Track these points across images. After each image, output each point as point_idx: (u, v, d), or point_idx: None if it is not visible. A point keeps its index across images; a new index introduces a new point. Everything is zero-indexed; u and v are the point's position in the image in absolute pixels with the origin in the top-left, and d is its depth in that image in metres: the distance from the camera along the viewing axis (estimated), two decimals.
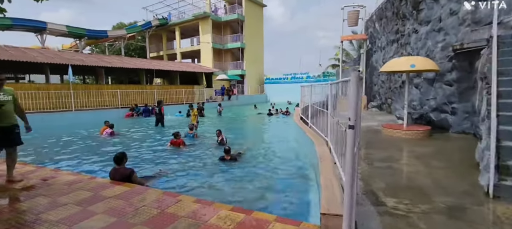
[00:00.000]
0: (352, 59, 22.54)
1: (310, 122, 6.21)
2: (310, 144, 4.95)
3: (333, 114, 3.93)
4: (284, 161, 5.69)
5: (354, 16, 17.04)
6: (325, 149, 3.90)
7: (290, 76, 30.37)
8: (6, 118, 3.54)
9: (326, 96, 6.35)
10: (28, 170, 4.07)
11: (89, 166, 5.81)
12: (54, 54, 16.03)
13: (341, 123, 2.83)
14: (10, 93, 3.67)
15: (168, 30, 30.57)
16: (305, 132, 5.62)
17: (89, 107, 14.77)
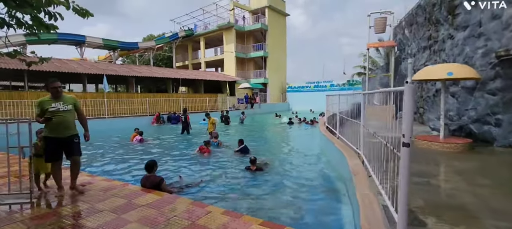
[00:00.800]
0: (379, 67, 21.69)
1: (338, 132, 5.99)
2: (339, 156, 4.77)
3: (366, 125, 3.75)
4: (311, 173, 5.52)
5: (381, 22, 16.47)
6: (357, 162, 3.72)
7: (313, 85, 29.88)
8: (66, 129, 3.41)
9: (354, 105, 6.12)
10: (67, 175, 4.33)
11: (122, 171, 6.08)
12: (91, 65, 17.29)
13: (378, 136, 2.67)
14: (70, 102, 3.51)
15: (193, 40, 31.75)
16: (334, 143, 5.43)
17: (121, 114, 15.62)
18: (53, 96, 3.42)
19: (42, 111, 3.35)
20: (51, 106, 3.34)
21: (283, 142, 10.08)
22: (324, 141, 6.94)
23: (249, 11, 30.34)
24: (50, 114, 3.32)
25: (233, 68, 27.94)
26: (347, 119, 5.45)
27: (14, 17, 2.17)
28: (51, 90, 3.41)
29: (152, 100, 17.52)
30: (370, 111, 6.37)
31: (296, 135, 11.92)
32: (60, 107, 3.38)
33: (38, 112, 3.38)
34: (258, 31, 28.81)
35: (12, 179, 3.40)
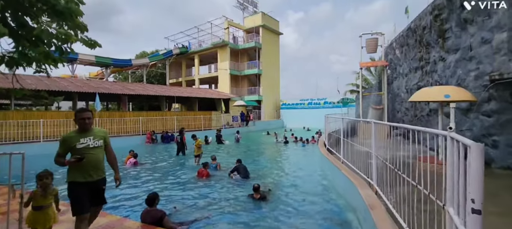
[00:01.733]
0: (371, 86, 22.19)
1: (343, 157, 5.90)
2: (347, 184, 4.64)
3: (377, 153, 3.67)
4: (317, 200, 5.35)
5: (372, 43, 16.99)
6: (370, 193, 3.60)
7: (307, 102, 30.19)
8: (95, 170, 2.81)
9: (348, 124, 6.07)
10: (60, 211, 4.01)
11: (117, 200, 5.74)
12: (83, 83, 16.90)
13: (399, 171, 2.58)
14: (101, 136, 2.90)
15: (187, 57, 31.84)
16: (340, 169, 5.31)
17: (112, 134, 15.12)
18: (81, 128, 2.79)
19: (67, 149, 2.74)
20: (79, 142, 2.72)
21: (282, 164, 9.90)
22: (327, 166, 6.81)
23: (244, 30, 30.88)
24: (78, 151, 2.70)
25: (228, 85, 27.99)
26: (352, 144, 5.38)
27: (25, 55, 2.02)
28: (79, 122, 2.77)
29: (145, 118, 17.15)
30: (366, 129, 6.36)
31: (294, 156, 11.76)
32: (90, 142, 2.78)
33: (61, 151, 2.73)
34: (252, 49, 29.24)
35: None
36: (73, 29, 2.04)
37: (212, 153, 9.63)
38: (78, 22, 2.05)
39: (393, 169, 2.82)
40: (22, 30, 1.86)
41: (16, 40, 1.88)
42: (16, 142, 11.46)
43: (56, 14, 1.87)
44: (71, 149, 2.74)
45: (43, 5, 1.82)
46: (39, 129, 12.24)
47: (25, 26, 1.86)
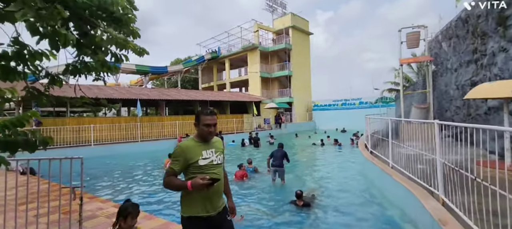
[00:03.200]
0: (412, 83, 20.53)
1: (392, 162, 5.39)
2: (402, 193, 4.20)
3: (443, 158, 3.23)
4: (368, 211, 4.92)
5: (414, 37, 15.70)
6: (436, 206, 3.16)
7: (340, 102, 28.98)
8: (218, 198, 2.05)
9: (401, 128, 5.50)
10: (112, 212, 4.21)
11: (160, 203, 5.93)
12: (126, 91, 18.16)
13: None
14: (221, 149, 2.14)
15: (218, 62, 32.63)
16: (392, 176, 4.84)
17: (151, 138, 15.98)
18: (204, 137, 2.02)
19: (184, 165, 1.93)
20: (202, 156, 1.96)
21: (321, 168, 9.46)
22: (374, 171, 6.30)
23: (273, 32, 30.78)
24: (198, 170, 1.94)
25: (258, 88, 28.04)
26: (404, 147, 4.88)
27: (86, 64, 2.10)
28: (202, 128, 2.00)
29: (181, 122, 17.84)
30: (406, 130, 5.76)
31: (333, 159, 11.21)
32: (214, 157, 2.02)
33: (177, 167, 1.93)
34: (282, 51, 28.97)
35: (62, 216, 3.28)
36: (128, 36, 2.06)
37: (249, 156, 9.55)
38: (132, 28, 2.06)
39: (472, 178, 2.41)
40: (84, 39, 1.91)
41: (79, 48, 1.95)
42: (71, 145, 12.63)
43: (114, 21, 1.90)
44: (190, 165, 1.93)
45: (102, 13, 1.85)
46: (90, 133, 13.37)
47: (87, 35, 1.91)
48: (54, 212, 3.36)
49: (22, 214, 3.31)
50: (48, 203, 3.16)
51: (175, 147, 2.03)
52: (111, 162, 10.66)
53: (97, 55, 2.02)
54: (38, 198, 3.11)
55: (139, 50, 2.35)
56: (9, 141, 1.90)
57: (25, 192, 3.76)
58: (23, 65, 2.11)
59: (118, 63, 2.18)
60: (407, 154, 4.74)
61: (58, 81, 2.16)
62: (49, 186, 3.36)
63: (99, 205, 4.46)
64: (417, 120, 4.90)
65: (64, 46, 1.65)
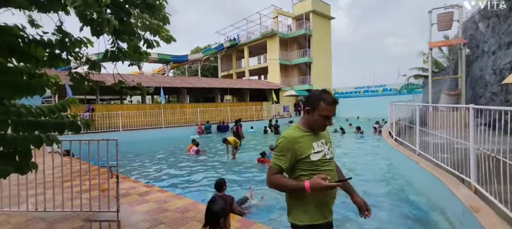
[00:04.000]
0: (442, 69, 19.27)
1: (419, 149, 5.20)
2: (432, 181, 4.06)
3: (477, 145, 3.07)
4: (392, 199, 4.84)
5: (446, 18, 14.57)
6: (468, 193, 3.05)
7: (362, 89, 27.99)
8: (334, 199, 1.71)
9: (430, 116, 5.23)
10: (143, 191, 4.50)
11: (186, 184, 6.24)
12: (149, 79, 18.85)
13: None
14: (330, 140, 1.76)
15: (237, 50, 32.59)
16: (418, 163, 4.70)
17: (174, 124, 16.58)
18: (315, 128, 1.63)
19: (294, 160, 1.56)
20: (313, 151, 1.58)
21: (343, 156, 9.34)
22: (398, 158, 6.13)
23: (293, 18, 30.01)
24: (312, 166, 1.56)
25: (277, 75, 27.78)
26: (433, 134, 4.68)
27: (121, 50, 2.23)
28: (317, 119, 1.59)
29: (202, 109, 18.27)
30: (435, 117, 5.46)
31: (355, 147, 11.01)
32: (326, 151, 1.64)
33: (284, 163, 1.54)
34: (302, 37, 28.26)
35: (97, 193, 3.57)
36: (160, 22, 2.14)
37: (270, 143, 9.63)
38: (164, 13, 2.14)
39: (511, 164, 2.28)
40: (121, 25, 2.02)
41: (117, 35, 2.07)
42: (102, 131, 13.48)
43: (147, 7, 1.98)
44: (299, 161, 1.55)
45: (136, 0, 1.94)
46: (119, 119, 14.14)
47: (123, 21, 2.02)
48: (94, 189, 3.67)
49: (67, 190, 3.65)
50: (89, 181, 3.47)
51: (279, 139, 1.58)
52: (139, 147, 11.27)
53: (132, 41, 2.13)
54: (80, 176, 3.41)
55: (167, 37, 2.44)
56: (58, 122, 2.09)
57: (68, 171, 4.13)
58: (66, 52, 2.28)
59: (150, 48, 2.29)
60: (436, 141, 4.54)
61: (97, 66, 2.32)
62: (89, 166, 3.66)
63: (132, 185, 4.79)
64: (449, 105, 4.65)
65: (106, 32, 1.76)
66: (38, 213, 3.42)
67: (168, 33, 2.24)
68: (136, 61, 2.69)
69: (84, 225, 3.22)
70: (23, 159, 1.95)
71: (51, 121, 2.15)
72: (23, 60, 2.18)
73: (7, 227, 3.15)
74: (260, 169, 7.40)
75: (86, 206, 3.43)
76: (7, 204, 3.47)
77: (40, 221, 3.28)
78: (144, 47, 2.30)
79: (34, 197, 3.43)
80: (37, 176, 3.17)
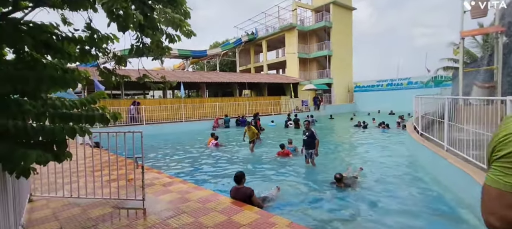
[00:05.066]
0: (475, 59, 17.95)
1: (447, 145, 4.93)
2: (460, 177, 3.85)
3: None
4: (418, 195, 4.67)
5: (481, 4, 13.52)
6: None
7: (385, 83, 26.86)
8: None
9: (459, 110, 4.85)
10: (167, 181, 4.69)
11: (206, 176, 6.41)
12: (170, 74, 19.37)
13: None
14: None
15: (255, 44, 32.51)
16: (446, 158, 4.45)
17: (194, 118, 16.99)
18: None
19: None
20: None
21: (365, 151, 9.08)
22: (425, 153, 5.85)
23: (312, 10, 29.31)
24: None
25: (296, 69, 27.40)
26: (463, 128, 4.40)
27: (144, 44, 2.32)
28: None
29: (220, 104, 18.52)
30: (465, 113, 5.08)
31: (378, 142, 10.65)
32: None
33: None
34: (322, 30, 27.55)
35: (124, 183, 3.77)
36: (182, 16, 2.19)
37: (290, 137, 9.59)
38: (185, 8, 2.18)
39: None
40: (145, 20, 2.09)
41: (141, 30, 2.15)
42: (127, 124, 14.14)
43: (170, 2, 2.03)
44: None
45: None
46: (142, 113, 14.75)
47: (147, 16, 2.08)
48: (121, 179, 3.88)
49: (97, 179, 3.89)
50: (117, 171, 3.67)
51: (500, 136, 0.78)
52: (161, 139, 11.71)
53: (155, 35, 2.20)
54: (109, 166, 3.61)
55: (188, 31, 2.49)
56: (89, 115, 2.23)
57: (97, 162, 4.39)
58: (95, 48, 2.41)
59: (171, 42, 2.35)
60: (466, 137, 4.27)
61: (123, 61, 2.43)
62: (116, 157, 3.87)
63: (156, 176, 5.00)
64: (482, 97, 4.34)
65: (132, 27, 1.84)
66: (73, 199, 3.69)
67: (189, 28, 2.29)
68: (159, 55, 2.78)
69: (113, 211, 3.43)
70: (60, 148, 2.10)
71: (83, 114, 2.29)
72: (58, 56, 2.32)
73: (47, 211, 3.44)
74: (280, 163, 7.41)
75: (114, 194, 3.65)
76: (46, 190, 3.78)
77: (75, 206, 3.54)
78: (166, 41, 2.36)
79: (69, 185, 3.69)
80: (71, 166, 3.40)
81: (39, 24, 2.12)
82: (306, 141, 6.70)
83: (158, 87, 2.69)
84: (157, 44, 2.56)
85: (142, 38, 2.31)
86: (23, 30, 2.05)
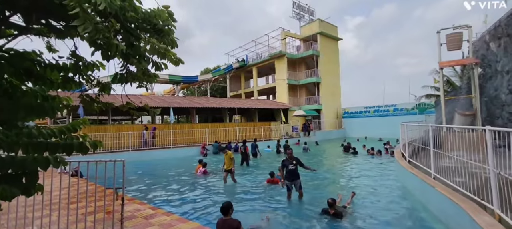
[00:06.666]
0: (455, 88, 18.88)
1: (435, 172, 4.97)
2: (450, 207, 3.83)
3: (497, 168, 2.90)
4: (407, 223, 4.59)
5: (456, 39, 14.49)
6: (491, 222, 2.83)
7: (373, 109, 27.61)
8: None
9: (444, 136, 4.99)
10: (149, 213, 4.43)
11: (193, 207, 6.11)
12: (160, 99, 19.26)
13: None
14: None
15: (246, 70, 33.21)
16: (435, 187, 4.46)
17: (183, 144, 16.64)
18: None
19: None
20: None
21: (355, 177, 9.03)
22: (413, 181, 5.86)
23: (300, 39, 30.62)
24: None
25: (286, 95, 27.90)
26: (449, 157, 4.47)
27: (130, 73, 2.30)
28: None
29: (210, 129, 18.34)
30: (449, 138, 5.23)
31: (367, 169, 10.66)
32: None
33: None
34: (310, 58, 28.62)
35: (105, 216, 3.54)
36: (169, 46, 2.20)
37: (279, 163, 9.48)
38: (172, 38, 2.21)
39: None
40: (130, 49, 2.09)
41: (126, 58, 2.14)
42: (112, 151, 13.65)
43: (157, 32, 2.05)
44: None
45: (146, 25, 2.01)
46: (128, 140, 14.34)
47: (133, 45, 2.08)
48: (99, 211, 3.64)
49: (73, 212, 3.63)
50: (95, 203, 3.44)
51: None
52: (147, 167, 11.28)
53: (141, 64, 2.19)
54: (86, 198, 3.39)
55: (175, 59, 2.50)
56: (67, 144, 2.12)
57: (75, 192, 4.13)
58: (78, 75, 2.36)
59: (158, 70, 2.34)
60: (452, 164, 4.33)
61: (107, 89, 2.38)
62: (95, 187, 3.66)
63: (137, 207, 4.73)
64: (464, 126, 4.48)
65: (115, 56, 1.82)
66: None
67: (176, 56, 2.30)
68: (146, 82, 2.75)
69: None
70: (30, 181, 1.96)
71: (61, 143, 2.18)
72: (39, 83, 2.26)
73: None
74: (270, 190, 7.21)
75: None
76: (13, 226, 3.47)
77: None
78: (153, 69, 2.35)
79: (40, 219, 3.41)
80: (44, 198, 3.17)
81: (21, 52, 2.07)
82: (292, 171, 6.06)
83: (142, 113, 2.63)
84: (144, 72, 2.54)
85: (127, 67, 2.30)
86: (3, 57, 2.00)
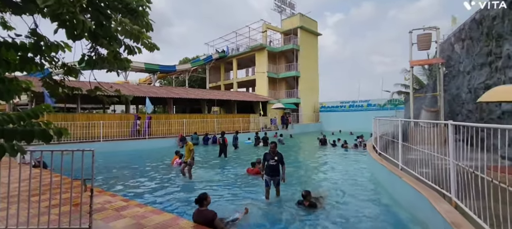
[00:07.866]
0: (423, 86, 20.14)
1: (402, 164, 5.29)
2: (414, 196, 4.11)
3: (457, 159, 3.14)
4: (376, 214, 4.85)
5: (425, 39, 15.41)
6: (449, 209, 3.08)
7: (348, 104, 28.67)
8: None
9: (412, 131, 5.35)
10: (121, 205, 4.25)
11: (167, 198, 5.97)
12: (134, 88, 18.40)
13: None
14: None
15: (226, 61, 32.75)
16: (401, 178, 4.76)
17: (159, 135, 16.13)
18: None
19: None
20: None
21: (327, 169, 9.38)
22: (382, 173, 6.20)
23: (281, 32, 30.71)
24: None
25: (265, 88, 28.00)
26: (415, 149, 4.78)
27: (99, 55, 2.13)
28: None
29: (188, 120, 17.95)
30: (416, 132, 5.66)
31: (339, 161, 11.12)
32: None
33: None
34: (290, 51, 28.87)
35: (72, 208, 3.33)
36: (143, 28, 2.08)
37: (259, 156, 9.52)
38: (147, 20, 2.08)
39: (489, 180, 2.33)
40: (100, 29, 1.93)
41: (95, 39, 1.98)
42: (81, 141, 12.86)
43: (130, 12, 1.92)
44: None
45: (118, 4, 1.87)
46: (99, 129, 13.58)
47: (103, 25, 1.93)
48: (66, 204, 3.42)
49: (35, 205, 3.37)
50: (60, 195, 3.22)
51: None
52: (120, 158, 10.80)
53: (111, 46, 2.04)
54: (50, 190, 3.16)
55: (150, 44, 2.37)
56: (26, 130, 1.93)
57: (37, 184, 3.84)
58: (40, 56, 2.15)
59: (131, 54, 2.20)
60: (417, 156, 4.64)
61: (74, 72, 2.20)
62: (61, 178, 3.42)
63: (108, 199, 4.52)
64: (430, 121, 4.80)
65: (81, 35, 1.67)
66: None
67: (150, 40, 2.17)
68: (117, 68, 2.59)
69: None
70: None
71: (19, 129, 1.99)
72: None
73: None
74: (250, 181, 7.25)
75: (54, 223, 3.17)
76: None
77: None
78: (125, 53, 2.20)
79: None
80: (0, 190, 2.90)
81: None
82: (273, 166, 5.62)
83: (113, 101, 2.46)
84: (115, 56, 2.38)
85: (97, 48, 2.13)
86: None
